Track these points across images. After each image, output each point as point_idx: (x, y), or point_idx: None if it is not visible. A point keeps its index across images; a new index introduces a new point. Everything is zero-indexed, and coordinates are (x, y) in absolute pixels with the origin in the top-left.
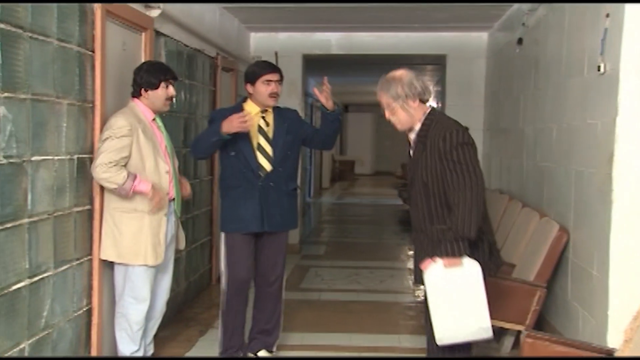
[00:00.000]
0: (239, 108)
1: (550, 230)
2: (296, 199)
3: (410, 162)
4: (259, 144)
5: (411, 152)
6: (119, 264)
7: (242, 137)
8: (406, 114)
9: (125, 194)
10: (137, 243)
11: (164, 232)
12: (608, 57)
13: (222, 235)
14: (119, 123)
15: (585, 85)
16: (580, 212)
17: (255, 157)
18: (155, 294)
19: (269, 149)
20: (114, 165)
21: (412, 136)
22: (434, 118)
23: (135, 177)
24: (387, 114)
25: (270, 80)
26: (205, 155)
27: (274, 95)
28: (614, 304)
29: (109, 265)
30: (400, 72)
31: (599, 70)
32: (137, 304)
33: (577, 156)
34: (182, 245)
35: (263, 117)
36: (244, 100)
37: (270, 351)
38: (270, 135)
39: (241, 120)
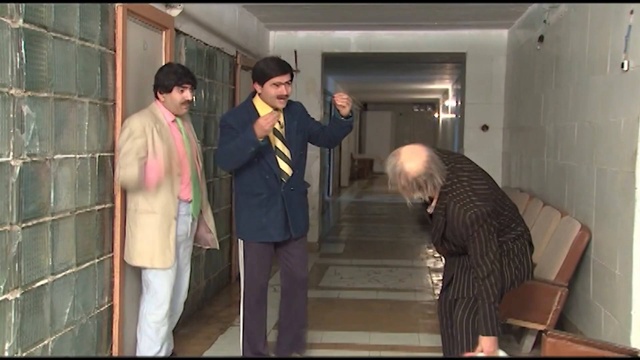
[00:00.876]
0: (249, 105)
1: (571, 229)
2: (307, 199)
3: (434, 226)
4: (276, 148)
5: (431, 215)
6: (141, 266)
7: (264, 140)
8: (433, 191)
9: (149, 184)
10: (146, 245)
11: (173, 235)
12: (632, 54)
13: (240, 242)
14: (132, 124)
15: (608, 82)
16: (603, 211)
17: (276, 162)
18: (174, 296)
19: (287, 151)
20: (130, 163)
21: (431, 210)
22: (448, 192)
23: (144, 163)
24: (431, 206)
25: (280, 82)
26: (238, 167)
27: (282, 97)
28: (638, 304)
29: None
30: (406, 165)
31: (622, 67)
32: (156, 307)
33: (600, 154)
34: (215, 244)
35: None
36: (253, 96)
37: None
38: (284, 135)
39: (273, 118)
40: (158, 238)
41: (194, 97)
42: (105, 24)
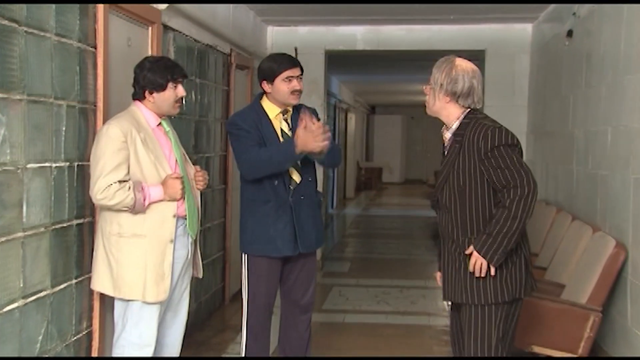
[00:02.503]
0: (257, 107)
1: (605, 246)
2: (321, 210)
3: (443, 163)
4: None
5: (445, 152)
6: (119, 298)
7: (272, 143)
8: (434, 103)
9: (141, 210)
10: (135, 274)
11: (169, 261)
12: None
13: (245, 257)
14: (112, 133)
15: None
16: None
17: None
18: (164, 340)
19: None
20: (117, 189)
21: (447, 135)
22: (474, 117)
23: (142, 187)
24: (425, 90)
25: (292, 77)
26: (265, 175)
27: (296, 92)
28: None
29: None
30: (462, 62)
31: None
32: (139, 348)
33: (637, 162)
34: (200, 273)
35: (285, 119)
36: (260, 97)
37: None
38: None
39: (326, 134)
40: (151, 265)
41: (184, 99)
42: (84, 18)
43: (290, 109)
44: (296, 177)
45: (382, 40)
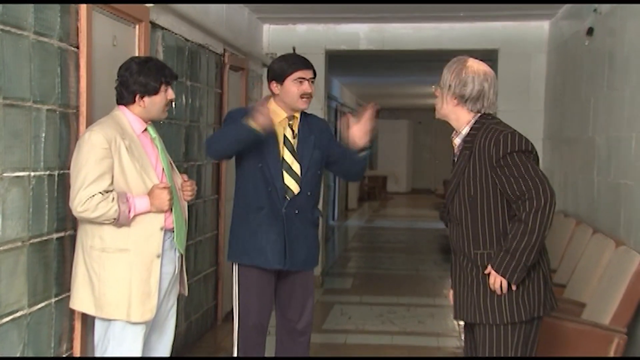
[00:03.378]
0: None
1: (629, 262)
2: (318, 230)
3: (453, 172)
4: (283, 159)
5: (455, 160)
6: (100, 318)
7: (270, 149)
8: (442, 106)
9: (126, 223)
10: (119, 292)
11: (156, 277)
12: None
13: (235, 267)
14: (95, 140)
15: None
16: None
17: (281, 175)
18: None
19: (296, 166)
20: (100, 201)
21: (457, 141)
22: (485, 122)
23: (126, 199)
24: (435, 90)
25: (303, 78)
26: (224, 152)
27: (306, 96)
28: None
29: None
30: (474, 64)
31: None
32: None
33: None
34: (186, 290)
35: (290, 125)
36: (267, 100)
37: None
38: (296, 147)
39: (264, 108)
40: (136, 282)
41: (174, 103)
42: (65, 16)
43: (298, 116)
44: (294, 188)
45: (387, 39)
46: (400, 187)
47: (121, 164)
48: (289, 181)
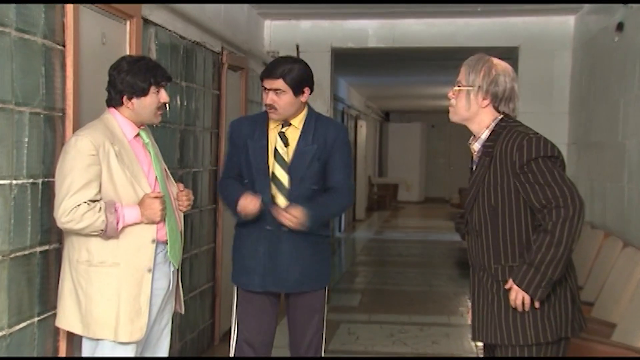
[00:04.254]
0: (262, 116)
1: None
2: (328, 248)
3: (472, 180)
4: (273, 173)
5: (474, 167)
6: (88, 337)
7: (258, 162)
8: (466, 107)
9: (114, 235)
10: (107, 309)
11: (147, 294)
12: None
13: (235, 287)
14: (81, 145)
15: None
16: None
17: (269, 189)
18: None
19: (284, 177)
20: (86, 210)
21: (477, 146)
22: (507, 125)
23: (115, 209)
24: (451, 93)
25: (265, 88)
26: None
27: (268, 107)
28: None
29: None
30: (500, 62)
31: None
32: None
33: None
34: (182, 308)
35: (282, 134)
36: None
37: None
38: (288, 158)
39: (253, 206)
40: (125, 299)
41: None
42: (50, 11)
43: (297, 124)
44: (281, 202)
45: (397, 36)
46: (412, 196)
47: (110, 171)
48: (276, 194)
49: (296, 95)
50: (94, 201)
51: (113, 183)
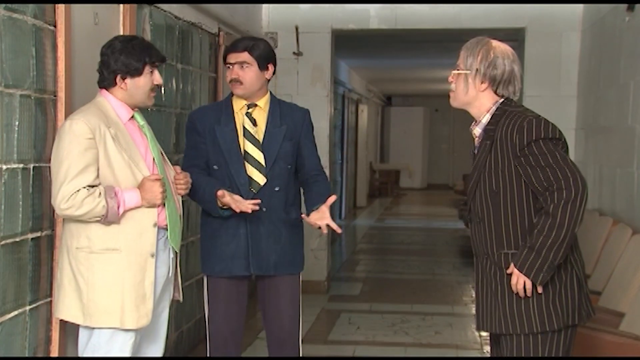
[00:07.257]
0: (226, 100)
1: None
2: (301, 232)
3: (474, 165)
4: (245, 152)
5: (476, 152)
6: (86, 326)
7: (229, 143)
8: (464, 91)
9: (115, 220)
10: (111, 297)
11: (151, 279)
12: None
13: (204, 277)
14: (77, 129)
15: None
16: None
17: (244, 169)
18: None
19: (259, 155)
20: (86, 196)
21: (478, 131)
22: (508, 108)
23: (115, 193)
24: (451, 77)
25: (229, 63)
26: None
27: (232, 81)
28: None
29: None
30: (499, 45)
31: None
32: None
33: None
34: (180, 295)
35: (248, 114)
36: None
37: None
38: (260, 137)
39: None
40: (129, 286)
41: (162, 88)
42: None
43: (262, 105)
44: (258, 179)
45: (400, 17)
46: (414, 182)
47: (107, 154)
48: (252, 172)
49: (261, 69)
50: (92, 186)
51: (111, 167)
